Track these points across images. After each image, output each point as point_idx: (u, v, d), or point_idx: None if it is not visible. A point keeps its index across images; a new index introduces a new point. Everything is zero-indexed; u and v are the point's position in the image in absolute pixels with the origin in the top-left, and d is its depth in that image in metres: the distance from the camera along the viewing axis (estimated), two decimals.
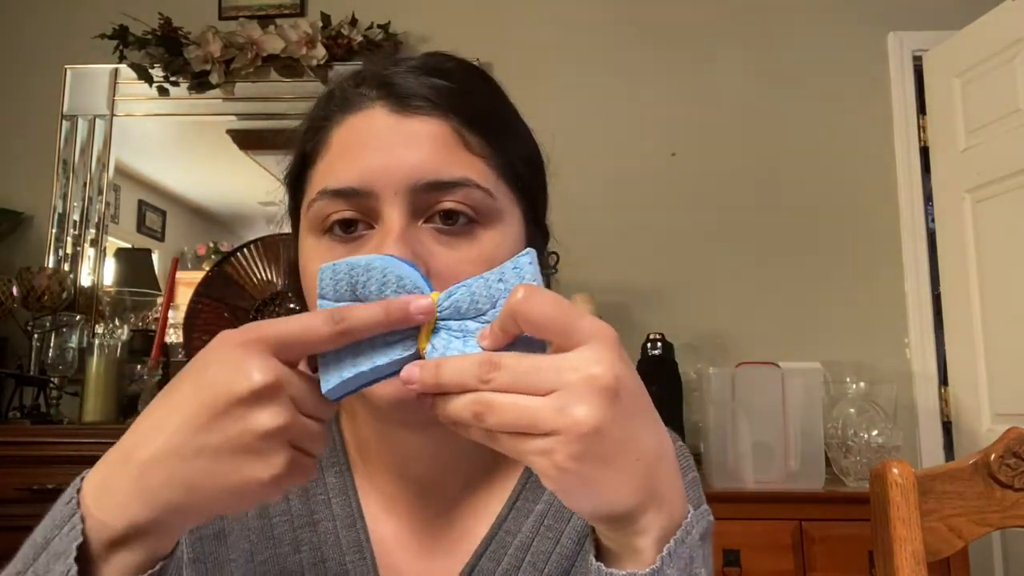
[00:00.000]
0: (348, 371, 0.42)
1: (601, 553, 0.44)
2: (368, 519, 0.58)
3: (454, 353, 0.41)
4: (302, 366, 0.43)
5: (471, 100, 0.54)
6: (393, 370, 0.42)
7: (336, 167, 0.52)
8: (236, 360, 0.39)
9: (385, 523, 0.58)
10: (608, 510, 0.40)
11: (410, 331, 0.42)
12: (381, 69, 0.55)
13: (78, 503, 0.40)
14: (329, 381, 0.42)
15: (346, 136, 0.53)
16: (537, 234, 0.58)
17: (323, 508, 0.58)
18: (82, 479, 0.42)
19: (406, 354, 0.42)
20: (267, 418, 0.39)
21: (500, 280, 0.41)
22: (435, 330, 0.42)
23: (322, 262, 0.50)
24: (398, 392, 0.46)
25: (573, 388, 0.37)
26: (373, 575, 0.56)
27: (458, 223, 0.51)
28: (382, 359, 0.42)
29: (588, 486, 0.38)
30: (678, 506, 0.42)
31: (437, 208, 0.51)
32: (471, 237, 0.51)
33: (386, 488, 0.59)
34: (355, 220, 0.51)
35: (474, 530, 0.58)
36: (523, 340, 0.41)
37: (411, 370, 0.40)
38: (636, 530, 0.41)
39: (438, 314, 0.42)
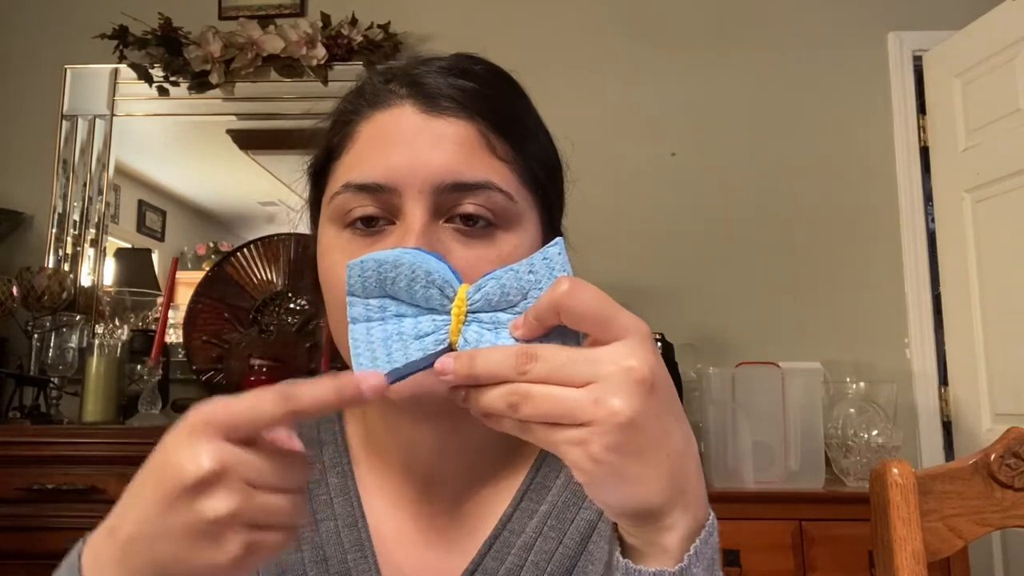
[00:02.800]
0: (383, 367, 0.43)
1: (625, 550, 0.44)
2: (371, 518, 0.59)
3: (486, 345, 0.41)
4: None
5: (498, 104, 0.55)
6: (427, 363, 0.43)
7: (362, 161, 0.53)
8: (185, 447, 0.39)
9: (389, 521, 0.59)
10: (636, 505, 0.40)
11: (442, 324, 0.43)
12: (411, 68, 0.56)
13: (79, 568, 0.41)
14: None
15: (373, 131, 0.54)
16: (552, 238, 0.59)
17: (325, 508, 0.59)
18: (84, 542, 0.43)
19: (439, 348, 0.43)
20: (215, 505, 0.38)
21: (530, 272, 0.42)
22: (466, 322, 0.43)
23: (341, 254, 0.52)
24: (412, 388, 0.47)
25: (609, 380, 0.38)
26: (375, 573, 0.57)
27: (478, 225, 0.52)
28: (416, 354, 0.43)
29: (619, 479, 0.39)
30: (702, 505, 0.43)
31: (458, 210, 0.51)
32: (490, 239, 0.52)
33: (391, 484, 0.60)
34: (376, 217, 0.52)
35: (478, 529, 0.58)
36: (559, 331, 0.41)
37: (445, 361, 0.40)
38: (662, 527, 0.41)
39: (468, 307, 0.43)
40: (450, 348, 0.43)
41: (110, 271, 2.43)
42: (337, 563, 0.57)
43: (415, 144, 0.51)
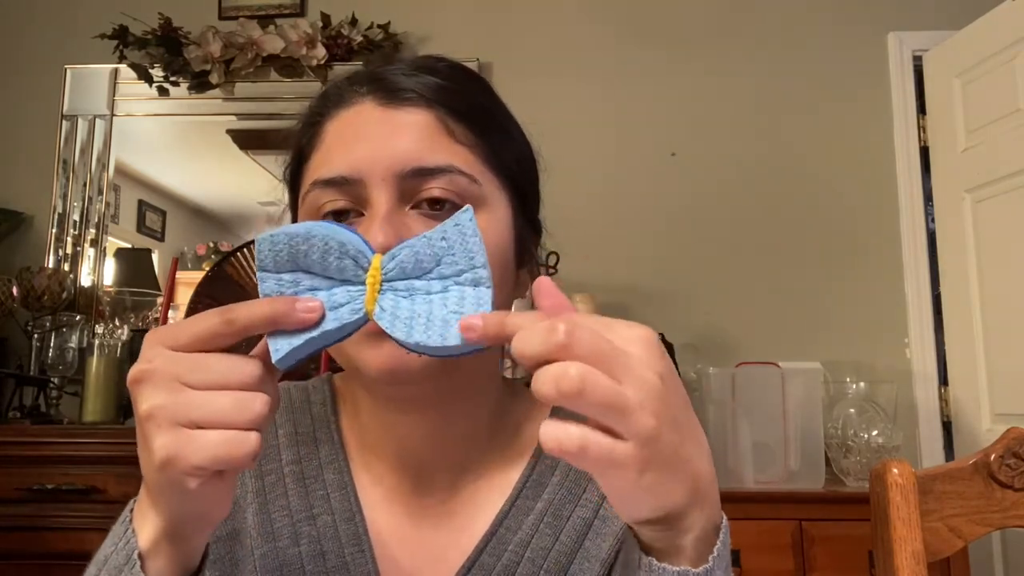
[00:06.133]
0: (298, 338, 0.42)
1: (642, 549, 0.43)
2: (367, 512, 0.59)
3: (403, 312, 0.41)
4: None
5: (457, 94, 0.56)
6: (342, 335, 0.43)
7: (329, 158, 0.54)
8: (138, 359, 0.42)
9: (385, 515, 0.59)
10: (663, 511, 0.39)
11: (357, 294, 0.43)
12: (373, 68, 0.58)
13: (131, 520, 0.45)
14: (279, 350, 0.42)
15: (338, 129, 0.55)
16: (527, 228, 0.60)
17: (321, 503, 0.59)
18: (135, 501, 0.46)
19: (355, 317, 0.43)
20: (140, 401, 0.40)
21: (443, 238, 0.42)
22: (381, 291, 0.43)
23: None
24: (385, 362, 0.49)
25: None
26: (372, 567, 0.57)
27: (444, 208, 0.53)
28: (331, 324, 0.42)
29: (651, 490, 0.37)
30: (716, 505, 0.42)
31: (423, 195, 0.52)
32: None
33: (386, 480, 0.60)
34: (347, 210, 0.53)
35: (474, 525, 0.59)
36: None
37: (472, 321, 0.39)
38: (682, 528, 0.40)
39: (383, 276, 0.43)
40: (366, 318, 0.43)
41: (110, 271, 2.43)
42: (335, 557, 0.57)
43: (376, 135, 0.53)
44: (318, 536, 0.58)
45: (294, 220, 0.60)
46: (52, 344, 2.15)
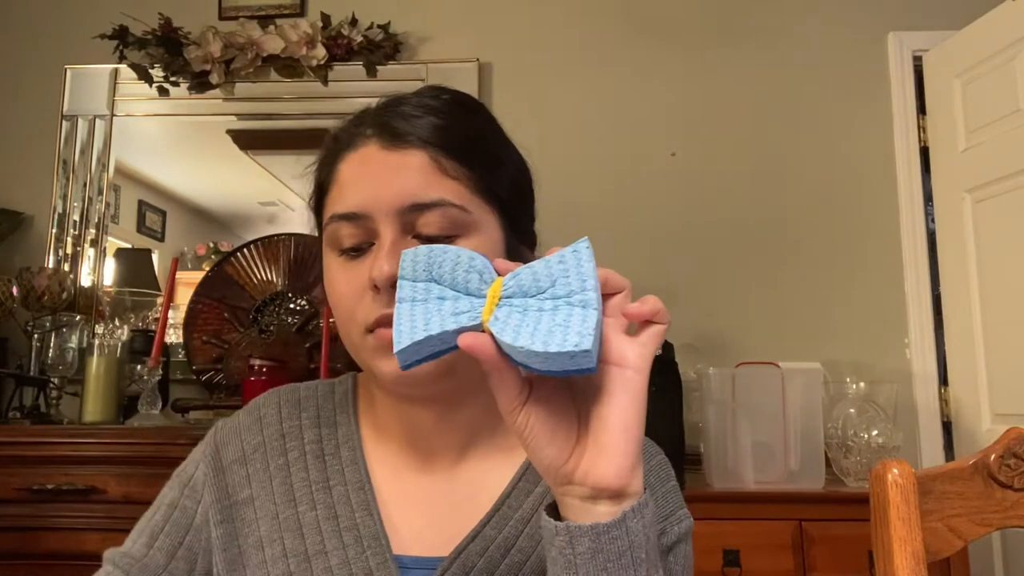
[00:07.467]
0: (420, 333, 0.47)
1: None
2: (376, 483, 0.68)
3: (513, 321, 0.46)
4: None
5: (449, 133, 0.64)
6: (457, 333, 0.47)
7: (343, 195, 0.64)
8: None
9: (392, 487, 0.68)
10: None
11: (478, 304, 0.48)
12: (378, 111, 0.66)
13: None
14: (401, 342, 0.47)
15: (349, 169, 0.64)
16: (516, 242, 0.68)
17: (337, 475, 0.69)
18: None
19: (472, 323, 0.47)
20: None
21: (560, 262, 0.48)
22: (499, 306, 0.48)
23: (341, 276, 0.63)
24: (395, 370, 0.56)
25: None
26: (379, 527, 0.65)
27: (440, 237, 0.61)
28: (451, 325, 0.47)
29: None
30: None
31: (422, 228, 0.61)
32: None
33: (395, 458, 0.69)
34: (361, 244, 0.62)
35: (475, 500, 0.66)
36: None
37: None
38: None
39: (503, 292, 0.48)
40: (480, 326, 0.47)
41: (110, 271, 2.43)
42: (346, 519, 0.66)
43: (380, 176, 0.62)
44: (332, 502, 0.67)
45: (321, 240, 0.68)
46: (52, 344, 2.15)
